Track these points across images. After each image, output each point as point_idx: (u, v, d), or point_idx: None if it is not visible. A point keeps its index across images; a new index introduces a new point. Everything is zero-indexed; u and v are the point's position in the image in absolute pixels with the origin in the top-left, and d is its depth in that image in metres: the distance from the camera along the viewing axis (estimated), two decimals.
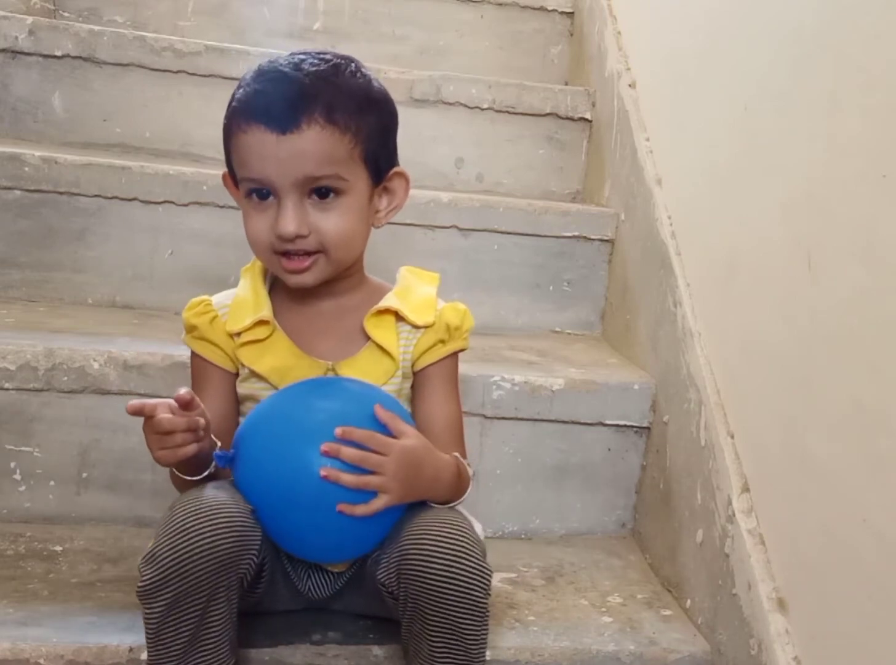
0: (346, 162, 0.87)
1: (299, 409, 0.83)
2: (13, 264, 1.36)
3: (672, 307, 1.21)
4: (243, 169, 0.87)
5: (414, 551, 0.80)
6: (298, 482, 0.79)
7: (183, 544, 0.77)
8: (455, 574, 0.79)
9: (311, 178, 0.85)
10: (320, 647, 0.91)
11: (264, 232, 0.88)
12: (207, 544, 0.77)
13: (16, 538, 1.07)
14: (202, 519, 0.78)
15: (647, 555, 1.21)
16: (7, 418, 1.11)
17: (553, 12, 1.97)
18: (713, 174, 1.16)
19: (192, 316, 0.94)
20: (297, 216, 0.86)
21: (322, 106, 0.85)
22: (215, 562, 0.77)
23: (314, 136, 0.84)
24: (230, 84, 1.58)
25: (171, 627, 0.79)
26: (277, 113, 0.84)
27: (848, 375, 0.82)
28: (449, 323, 0.95)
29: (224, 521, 0.78)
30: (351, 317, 0.94)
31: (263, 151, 0.84)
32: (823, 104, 0.89)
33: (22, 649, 0.86)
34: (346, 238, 0.89)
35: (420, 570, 0.79)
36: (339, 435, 0.79)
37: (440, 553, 0.79)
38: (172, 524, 0.78)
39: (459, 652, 0.82)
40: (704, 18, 1.23)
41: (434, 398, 0.95)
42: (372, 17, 1.92)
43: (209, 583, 0.78)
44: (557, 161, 1.72)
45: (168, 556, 0.77)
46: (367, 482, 0.79)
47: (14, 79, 1.54)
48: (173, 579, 0.77)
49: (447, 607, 0.79)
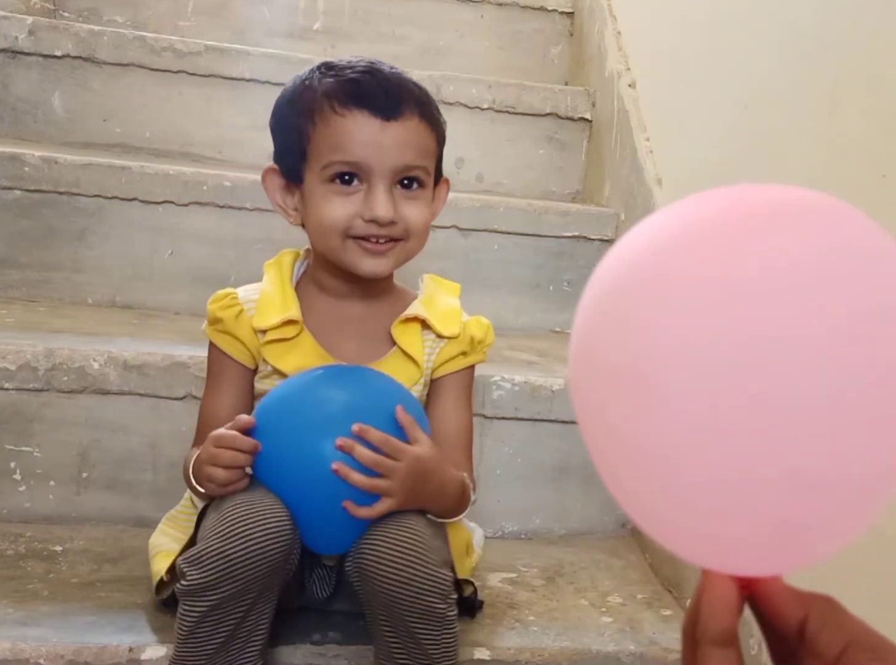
0: (431, 158, 0.91)
1: (318, 397, 0.82)
2: (13, 264, 1.36)
3: None
4: (336, 153, 0.86)
5: (368, 552, 0.80)
6: (309, 470, 0.79)
7: (235, 549, 0.76)
8: (405, 579, 0.78)
9: (408, 166, 0.88)
10: (320, 647, 0.91)
11: (346, 217, 0.87)
12: (259, 549, 0.77)
13: (16, 538, 1.07)
14: (253, 524, 0.77)
15: (647, 555, 1.21)
16: (7, 418, 1.11)
17: (553, 12, 1.97)
18: (713, 174, 1.16)
19: (217, 308, 0.93)
20: (391, 202, 0.87)
21: (416, 102, 0.88)
22: (266, 566, 0.77)
23: (414, 127, 0.88)
24: (230, 84, 1.62)
25: (209, 627, 0.79)
26: (382, 101, 0.86)
27: None
28: (473, 336, 0.96)
29: (275, 526, 0.78)
30: (377, 321, 0.95)
31: (365, 136, 0.86)
32: (824, 104, 0.89)
33: (22, 649, 0.86)
34: (425, 228, 0.91)
35: (372, 572, 0.79)
36: (356, 432, 0.78)
37: (391, 557, 0.79)
38: (223, 527, 0.77)
39: (418, 654, 0.82)
40: (704, 18, 1.23)
41: (447, 408, 0.95)
42: (372, 17, 1.92)
43: (258, 586, 0.79)
44: (557, 161, 1.72)
45: (218, 560, 0.77)
46: (375, 485, 0.79)
47: (14, 79, 1.54)
48: (222, 583, 0.77)
49: (398, 611, 0.79)
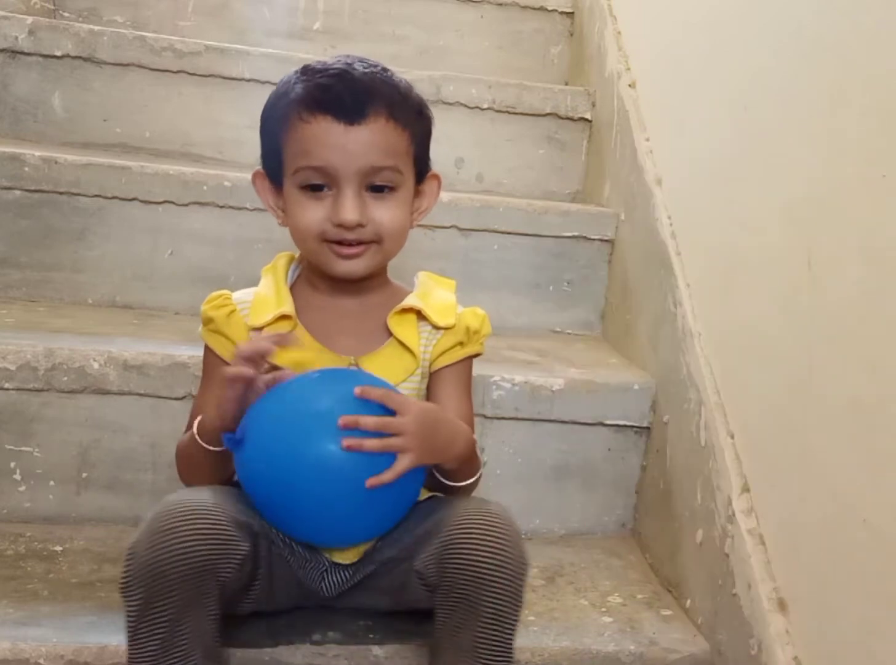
0: (403, 157, 0.90)
1: (308, 392, 0.83)
2: (13, 264, 1.36)
3: (672, 307, 1.21)
4: (304, 158, 0.88)
5: (461, 539, 0.80)
6: (311, 461, 0.78)
7: (160, 544, 0.76)
8: (502, 562, 0.80)
9: (375, 168, 0.88)
10: (320, 647, 0.91)
11: (317, 221, 0.88)
12: (183, 548, 0.77)
13: (16, 538, 1.07)
14: (183, 522, 0.77)
15: (647, 555, 1.21)
16: (7, 418, 1.11)
17: (553, 12, 1.97)
18: (713, 174, 1.16)
19: (209, 308, 0.94)
20: (358, 205, 0.87)
21: (385, 102, 0.88)
22: (190, 567, 0.77)
23: (379, 128, 0.87)
24: (230, 84, 1.62)
25: (146, 626, 0.78)
26: (345, 105, 0.86)
27: (848, 375, 0.82)
28: (469, 326, 0.96)
29: (205, 527, 0.78)
30: (373, 315, 0.95)
31: (329, 140, 0.86)
32: (824, 104, 0.89)
33: (22, 649, 0.86)
34: (399, 229, 0.91)
35: (468, 558, 0.80)
36: (358, 394, 0.79)
37: (488, 542, 0.80)
38: (154, 522, 0.78)
39: (499, 641, 0.82)
40: (704, 18, 1.23)
41: (448, 399, 0.96)
42: (372, 17, 1.92)
43: (183, 587, 0.77)
44: (557, 161, 1.72)
45: (145, 554, 0.77)
46: (390, 444, 0.79)
47: (14, 79, 1.54)
48: (146, 578, 0.77)
49: (494, 595, 0.80)
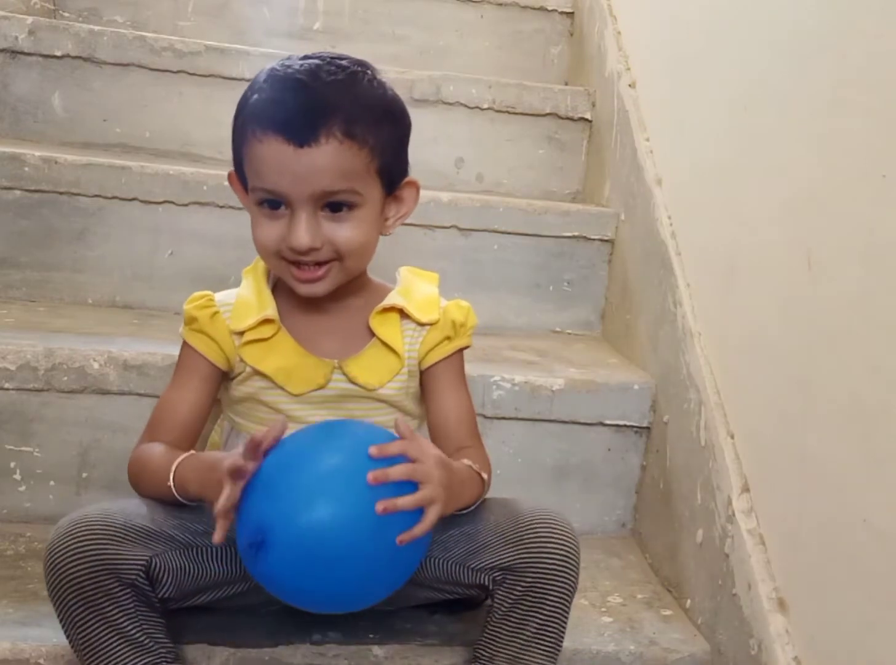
0: (361, 176, 0.86)
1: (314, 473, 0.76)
2: (13, 264, 1.36)
3: (672, 307, 1.21)
4: (257, 179, 0.86)
5: (531, 539, 0.85)
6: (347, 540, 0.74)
7: (57, 543, 0.79)
8: (566, 555, 0.85)
9: (327, 192, 0.85)
10: (320, 647, 0.91)
11: (274, 240, 0.87)
12: (76, 546, 0.79)
13: (16, 538, 1.07)
14: (84, 524, 0.80)
15: (647, 555, 1.21)
16: (7, 418, 1.11)
17: (553, 12, 1.97)
18: (713, 174, 1.16)
19: (193, 308, 0.93)
20: (311, 229, 0.85)
21: (341, 120, 0.83)
22: (86, 564, 0.79)
23: (332, 150, 0.83)
24: (230, 84, 1.61)
25: (69, 621, 0.81)
26: (296, 125, 0.82)
27: (848, 375, 0.82)
28: (454, 320, 0.96)
29: (100, 528, 0.80)
30: (355, 316, 0.95)
31: (280, 164, 0.83)
32: (823, 104, 0.89)
33: (22, 649, 0.86)
34: (359, 248, 0.88)
35: (539, 552, 0.85)
36: (375, 454, 0.76)
37: (555, 538, 0.85)
38: (61, 524, 0.81)
39: (560, 629, 0.87)
40: (705, 18, 1.23)
41: (445, 395, 0.96)
42: (372, 17, 1.92)
43: (82, 584, 0.79)
44: (557, 161, 1.72)
45: (48, 551, 0.80)
46: (422, 497, 0.76)
47: (14, 79, 1.54)
48: (49, 574, 0.80)
49: (560, 586, 0.85)
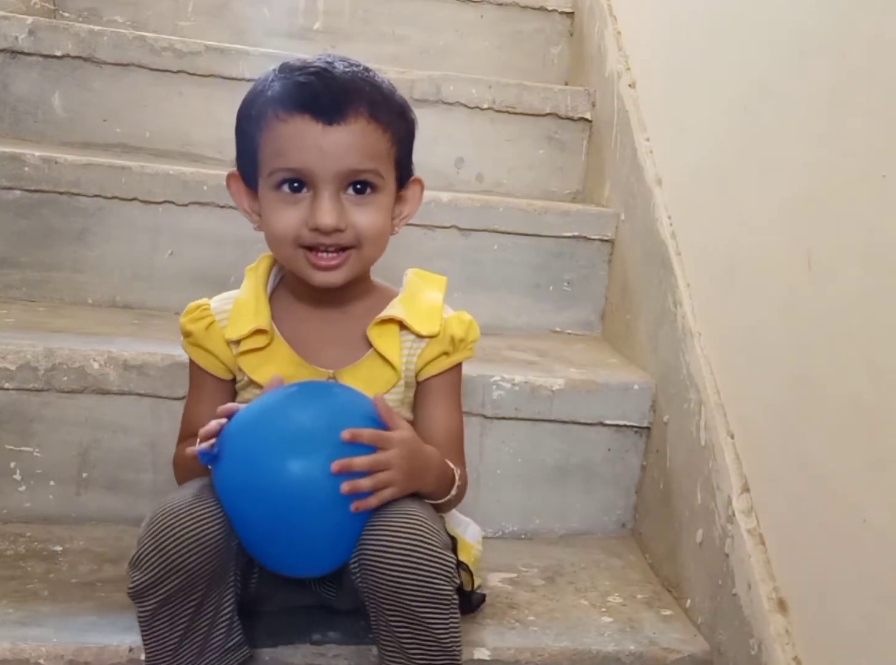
0: (384, 160, 0.87)
1: (288, 408, 0.81)
2: (13, 264, 1.36)
3: (672, 307, 1.21)
4: (279, 159, 0.85)
5: (371, 543, 0.78)
6: (292, 481, 0.76)
7: (169, 542, 0.77)
8: (412, 564, 0.77)
9: (354, 171, 0.85)
10: (320, 647, 0.91)
11: (293, 226, 0.85)
12: (193, 538, 0.77)
13: (16, 538, 1.07)
14: (183, 513, 0.78)
15: (647, 555, 1.21)
16: (7, 418, 1.11)
17: (553, 12, 1.97)
18: (713, 174, 1.16)
19: (187, 322, 0.93)
20: (336, 209, 0.84)
21: (367, 102, 0.85)
22: (204, 551, 0.78)
23: (360, 129, 0.84)
24: (230, 84, 1.62)
25: (164, 623, 0.80)
26: (324, 104, 0.83)
27: (848, 375, 0.82)
28: (454, 335, 0.94)
29: (206, 511, 0.79)
30: (355, 324, 0.93)
31: (306, 141, 0.83)
32: (824, 104, 0.89)
33: (22, 649, 0.86)
34: (379, 234, 0.88)
35: (377, 561, 0.77)
36: (347, 438, 0.77)
37: (396, 543, 0.77)
38: (154, 525, 0.78)
39: (431, 643, 0.80)
40: (705, 18, 1.23)
41: (436, 409, 0.95)
42: (372, 17, 1.92)
43: (204, 574, 0.79)
44: (557, 161, 1.72)
45: (155, 557, 0.77)
46: (379, 481, 0.78)
47: (14, 79, 1.54)
48: (164, 579, 0.77)
49: (406, 598, 0.77)
